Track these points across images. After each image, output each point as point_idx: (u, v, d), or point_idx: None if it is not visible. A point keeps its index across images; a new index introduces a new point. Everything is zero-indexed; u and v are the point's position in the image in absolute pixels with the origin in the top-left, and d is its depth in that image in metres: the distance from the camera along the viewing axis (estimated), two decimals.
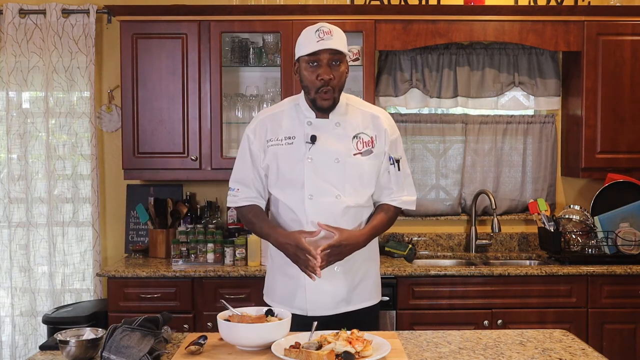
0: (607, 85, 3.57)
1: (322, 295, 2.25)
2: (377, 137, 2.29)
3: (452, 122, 3.90)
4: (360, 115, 2.31)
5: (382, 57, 3.83)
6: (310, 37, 2.17)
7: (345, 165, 2.24)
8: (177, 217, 3.68)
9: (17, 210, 3.77)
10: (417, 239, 3.89)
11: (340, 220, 2.23)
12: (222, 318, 1.84)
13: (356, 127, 2.28)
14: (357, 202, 2.26)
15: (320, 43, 2.14)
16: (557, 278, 3.28)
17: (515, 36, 3.55)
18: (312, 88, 2.20)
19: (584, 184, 3.94)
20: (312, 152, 2.23)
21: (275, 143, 2.28)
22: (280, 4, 3.55)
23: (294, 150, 2.25)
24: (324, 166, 2.23)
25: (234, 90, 3.77)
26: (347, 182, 2.24)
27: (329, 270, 2.20)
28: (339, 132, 2.26)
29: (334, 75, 2.19)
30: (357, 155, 2.25)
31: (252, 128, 2.33)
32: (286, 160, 2.25)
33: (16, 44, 3.72)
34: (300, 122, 2.28)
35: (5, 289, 3.79)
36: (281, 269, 2.32)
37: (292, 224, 2.27)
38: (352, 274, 2.29)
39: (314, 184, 2.22)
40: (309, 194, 2.22)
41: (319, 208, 2.22)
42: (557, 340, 2.02)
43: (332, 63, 2.18)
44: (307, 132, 2.25)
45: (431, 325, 3.13)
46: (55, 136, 3.79)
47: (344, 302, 2.28)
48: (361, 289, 2.32)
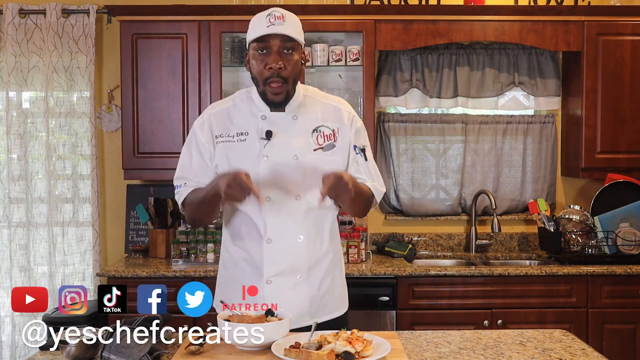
0: (607, 85, 3.57)
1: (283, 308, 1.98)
2: (340, 130, 2.10)
3: (452, 122, 3.90)
4: (319, 107, 2.12)
5: (382, 57, 3.83)
6: (261, 21, 1.99)
7: (305, 162, 2.04)
8: (177, 217, 3.67)
9: (17, 210, 3.77)
10: (417, 239, 3.89)
11: (301, 225, 2.06)
12: (222, 318, 1.84)
13: (315, 120, 2.09)
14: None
15: (270, 28, 1.96)
16: (557, 278, 3.28)
17: (515, 36, 3.55)
18: (260, 79, 2.01)
19: (584, 184, 3.94)
20: (267, 149, 2.04)
21: (225, 139, 2.07)
22: (280, 4, 3.55)
23: (247, 147, 2.05)
24: (282, 164, 2.03)
25: (234, 90, 3.70)
26: (307, 181, 2.02)
27: (291, 280, 2.06)
28: (296, 126, 2.07)
29: (285, 65, 1.98)
30: (317, 150, 2.06)
31: (199, 123, 2.13)
32: (238, 159, 2.04)
33: (16, 44, 3.72)
34: (253, 116, 2.08)
35: (5, 289, 3.79)
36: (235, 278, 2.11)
37: (247, 229, 2.08)
38: (316, 283, 2.11)
39: (271, 184, 2.03)
40: (266, 195, 2.02)
41: (278, 211, 2.04)
42: (557, 340, 2.02)
43: (283, 51, 1.98)
44: (261, 127, 2.05)
45: (431, 325, 3.13)
46: (55, 136, 3.79)
47: (307, 315, 2.08)
48: (326, 301, 2.13)
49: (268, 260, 2.07)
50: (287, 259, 2.07)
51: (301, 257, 2.08)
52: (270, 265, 2.07)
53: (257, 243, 2.07)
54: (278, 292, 2.06)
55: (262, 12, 2.03)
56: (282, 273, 2.07)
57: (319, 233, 2.12)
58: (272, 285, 2.07)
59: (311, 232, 2.09)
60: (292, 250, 2.07)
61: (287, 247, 2.06)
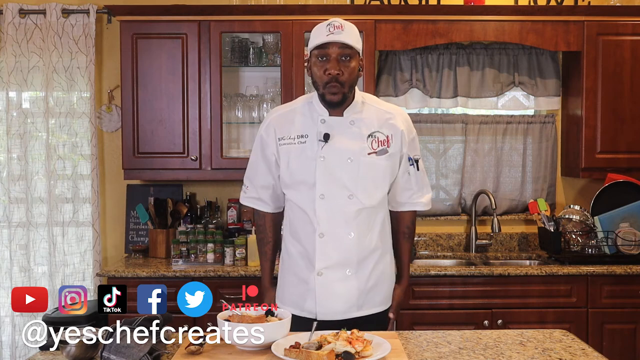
0: (607, 85, 3.56)
1: (333, 300, 2.19)
2: (393, 137, 2.22)
3: (452, 122, 3.90)
4: (375, 113, 2.24)
5: (382, 57, 3.83)
6: (321, 30, 2.12)
7: (358, 165, 2.17)
8: (177, 217, 3.68)
9: (17, 210, 3.77)
10: (417, 239, 3.89)
11: (352, 222, 2.18)
12: (222, 318, 1.84)
13: (371, 125, 2.21)
14: (371, 203, 2.19)
15: (330, 37, 2.09)
16: (557, 278, 3.28)
17: (515, 36, 3.55)
18: (320, 83, 2.14)
19: (584, 184, 3.94)
20: (324, 150, 2.17)
21: (287, 142, 2.22)
22: (280, 4, 3.55)
23: (306, 149, 2.19)
24: (337, 165, 2.16)
25: (234, 90, 3.77)
26: (360, 182, 2.17)
27: (341, 273, 2.18)
28: (353, 131, 2.19)
29: (343, 71, 2.12)
30: (371, 154, 2.18)
31: (264, 127, 2.28)
32: (298, 159, 2.19)
33: (16, 44, 3.72)
34: (313, 120, 2.21)
35: (5, 289, 3.79)
36: (291, 270, 2.27)
37: (302, 224, 2.22)
38: (364, 277, 2.21)
39: (325, 183, 2.16)
40: (320, 193, 2.16)
41: (330, 208, 2.17)
42: (557, 340, 2.02)
43: (341, 58, 2.11)
44: (320, 130, 2.19)
45: (431, 325, 3.13)
46: (55, 136, 3.79)
47: (355, 307, 2.20)
48: (374, 293, 2.24)
49: (320, 254, 2.19)
50: (337, 253, 2.19)
51: (351, 252, 2.19)
52: (322, 259, 2.19)
53: (311, 237, 2.20)
54: (328, 284, 2.19)
55: (322, 23, 2.16)
56: (333, 266, 2.19)
57: (369, 230, 2.22)
58: (323, 277, 2.19)
59: (362, 229, 2.20)
60: (342, 245, 2.19)
61: (338, 242, 2.18)
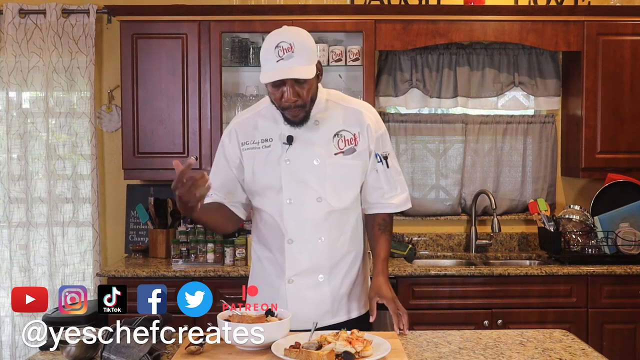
0: (607, 85, 3.57)
1: (305, 308, 2.10)
2: (360, 134, 2.11)
3: (452, 122, 3.90)
4: (341, 111, 2.13)
5: (382, 57, 3.83)
6: (270, 55, 1.93)
7: (325, 166, 2.07)
8: (177, 217, 3.68)
9: (17, 210, 3.77)
10: (417, 239, 3.89)
11: (322, 226, 2.09)
12: (222, 318, 1.84)
13: (337, 124, 2.11)
14: (341, 205, 2.11)
15: (280, 64, 1.91)
16: (557, 278, 3.28)
17: (515, 36, 3.55)
18: (277, 106, 2.03)
19: (584, 184, 3.94)
20: (289, 153, 2.07)
21: (251, 146, 2.12)
22: (280, 4, 3.55)
23: (271, 152, 2.09)
24: (303, 168, 2.07)
25: (234, 90, 3.77)
26: (328, 185, 2.08)
27: (313, 279, 2.11)
28: (318, 131, 2.09)
29: (300, 94, 1.97)
30: (338, 154, 2.09)
31: (226, 133, 2.18)
32: (263, 164, 2.10)
33: (16, 44, 3.72)
34: (276, 122, 2.10)
35: (5, 289, 3.79)
36: (261, 278, 2.19)
37: (270, 231, 2.14)
38: (337, 282, 2.14)
39: (292, 187, 2.07)
40: (287, 198, 2.08)
41: (298, 213, 2.08)
42: (557, 340, 2.02)
43: (296, 82, 1.95)
44: (283, 133, 2.09)
45: (431, 325, 3.13)
46: (55, 136, 3.79)
47: (329, 314, 2.13)
48: (348, 299, 2.17)
49: (289, 260, 2.12)
50: (308, 259, 2.11)
51: (322, 257, 2.12)
52: (292, 265, 2.12)
53: (280, 244, 2.13)
54: (299, 292, 2.12)
55: (271, 37, 1.95)
56: (303, 273, 2.12)
57: (340, 233, 2.14)
58: (294, 284, 2.12)
59: (332, 232, 2.12)
60: (313, 250, 2.11)
61: (308, 247, 2.10)
